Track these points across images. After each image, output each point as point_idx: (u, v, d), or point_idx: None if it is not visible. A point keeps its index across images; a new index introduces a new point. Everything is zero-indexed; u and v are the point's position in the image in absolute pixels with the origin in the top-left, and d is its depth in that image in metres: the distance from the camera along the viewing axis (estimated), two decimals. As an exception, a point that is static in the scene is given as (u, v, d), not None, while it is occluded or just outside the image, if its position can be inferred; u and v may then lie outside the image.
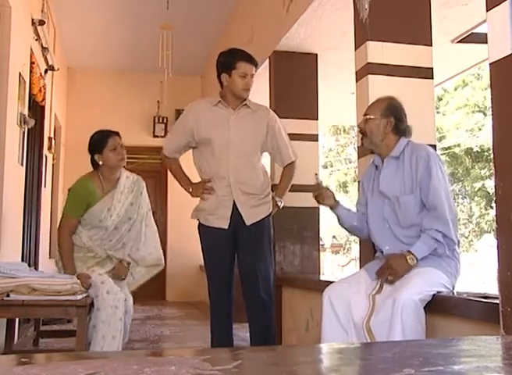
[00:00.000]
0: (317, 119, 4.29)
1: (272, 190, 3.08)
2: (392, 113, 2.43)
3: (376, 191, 2.47)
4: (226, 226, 2.90)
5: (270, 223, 3.00)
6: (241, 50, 2.98)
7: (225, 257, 2.94)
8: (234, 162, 2.90)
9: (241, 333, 3.87)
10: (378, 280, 2.32)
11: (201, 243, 3.01)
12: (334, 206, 2.59)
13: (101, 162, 3.13)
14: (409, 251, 2.24)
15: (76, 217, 3.12)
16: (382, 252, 2.44)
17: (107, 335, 2.84)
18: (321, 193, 2.58)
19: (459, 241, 2.35)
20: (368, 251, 2.75)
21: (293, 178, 3.12)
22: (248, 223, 2.90)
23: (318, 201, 2.63)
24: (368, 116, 2.46)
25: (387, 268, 2.25)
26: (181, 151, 3.08)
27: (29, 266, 3.23)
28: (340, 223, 2.63)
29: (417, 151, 2.35)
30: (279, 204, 3.04)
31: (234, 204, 2.89)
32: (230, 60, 2.90)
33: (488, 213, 17.02)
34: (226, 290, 2.94)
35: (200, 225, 2.99)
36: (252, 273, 2.91)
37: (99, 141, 3.12)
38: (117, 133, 3.17)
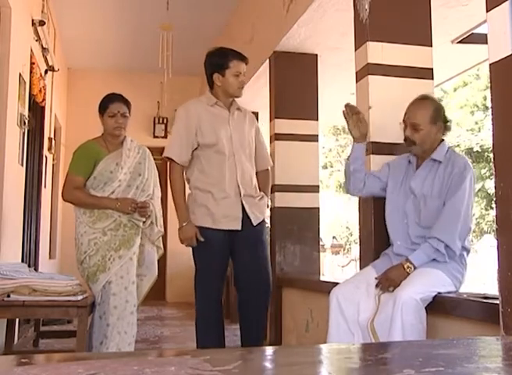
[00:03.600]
0: (317, 119, 4.29)
1: None
2: (440, 117, 2.40)
3: (404, 185, 2.46)
4: (240, 227, 2.88)
5: (266, 224, 3.06)
6: (230, 49, 2.98)
7: (225, 257, 2.94)
8: (238, 161, 2.91)
9: (241, 333, 3.87)
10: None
11: (200, 247, 2.88)
12: (361, 140, 2.56)
13: (102, 124, 3.12)
14: (407, 260, 2.25)
15: (80, 175, 3.02)
16: (391, 246, 2.46)
17: (121, 331, 2.91)
18: (357, 118, 2.53)
19: (468, 250, 2.34)
20: (369, 251, 2.75)
21: (270, 183, 3.20)
22: (255, 223, 2.91)
23: (348, 124, 2.59)
24: (418, 126, 2.38)
25: (386, 280, 2.26)
26: (189, 154, 2.91)
27: (29, 266, 3.23)
28: (347, 163, 2.60)
29: (454, 159, 2.35)
30: (269, 204, 3.12)
31: (242, 204, 2.89)
32: (223, 60, 2.89)
33: (488, 214, 17.01)
34: (222, 290, 2.96)
35: (202, 229, 2.86)
36: (259, 274, 2.93)
37: (103, 104, 3.10)
38: (124, 101, 3.11)
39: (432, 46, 2.89)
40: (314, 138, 4.25)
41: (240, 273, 2.96)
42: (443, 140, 2.43)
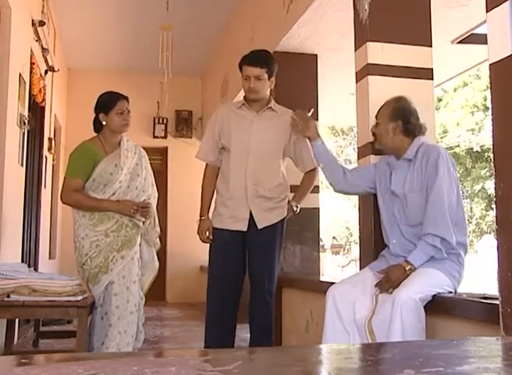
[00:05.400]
0: (317, 119, 4.28)
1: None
2: (399, 116, 2.43)
3: (388, 189, 2.48)
4: (245, 229, 2.90)
5: (283, 227, 3.00)
6: (250, 52, 3.00)
7: (239, 258, 2.95)
8: (252, 163, 2.92)
9: (242, 333, 3.87)
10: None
11: (211, 246, 2.99)
12: (314, 138, 2.72)
13: (104, 123, 3.04)
14: (406, 261, 2.24)
15: (79, 177, 2.97)
16: (387, 247, 2.47)
17: (121, 330, 2.90)
18: (304, 122, 2.74)
19: (466, 247, 2.34)
20: (369, 251, 2.75)
21: (313, 185, 3.16)
22: (260, 226, 2.90)
23: (299, 131, 2.81)
24: (377, 121, 2.50)
25: (387, 281, 2.26)
26: (216, 154, 3.02)
27: (29, 266, 3.22)
28: (316, 158, 2.79)
29: (428, 152, 2.36)
30: (295, 209, 3.05)
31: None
32: (240, 65, 2.96)
33: (488, 214, 17.03)
34: (230, 290, 2.94)
35: (213, 229, 2.97)
36: (260, 276, 2.93)
37: (107, 102, 3.04)
38: (126, 98, 3.09)
39: (431, 46, 2.89)
40: (314, 138, 4.25)
41: (248, 273, 2.98)
42: (415, 138, 2.43)
